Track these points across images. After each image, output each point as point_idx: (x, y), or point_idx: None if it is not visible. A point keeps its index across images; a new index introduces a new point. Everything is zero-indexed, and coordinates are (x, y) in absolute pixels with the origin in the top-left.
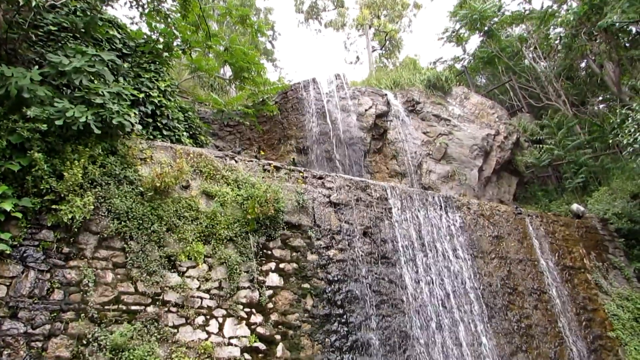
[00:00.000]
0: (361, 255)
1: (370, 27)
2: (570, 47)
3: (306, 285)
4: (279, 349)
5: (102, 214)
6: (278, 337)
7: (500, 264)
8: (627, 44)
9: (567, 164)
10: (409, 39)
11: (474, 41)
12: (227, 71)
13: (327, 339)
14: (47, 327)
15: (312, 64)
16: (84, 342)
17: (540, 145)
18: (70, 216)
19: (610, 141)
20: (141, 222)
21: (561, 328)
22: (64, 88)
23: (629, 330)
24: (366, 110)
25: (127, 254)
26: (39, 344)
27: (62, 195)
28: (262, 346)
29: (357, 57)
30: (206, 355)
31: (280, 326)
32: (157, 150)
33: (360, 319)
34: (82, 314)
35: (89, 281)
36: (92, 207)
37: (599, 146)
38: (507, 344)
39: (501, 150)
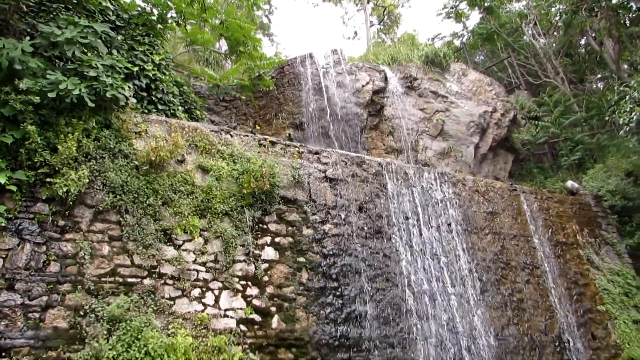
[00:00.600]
0: (356, 230)
1: (368, 2)
2: (570, 23)
3: (301, 259)
4: (275, 321)
5: (97, 188)
6: (273, 309)
7: (494, 239)
8: (627, 21)
9: (563, 141)
10: (407, 14)
11: (474, 18)
12: (223, 45)
13: (322, 311)
14: (44, 298)
15: (309, 39)
16: (81, 313)
17: (537, 123)
18: (65, 189)
19: (607, 118)
20: (136, 195)
21: (552, 302)
22: (56, 60)
23: (619, 305)
24: (363, 86)
25: (123, 227)
26: (37, 315)
27: (57, 168)
28: (257, 318)
29: (355, 33)
30: (202, 327)
31: (275, 298)
32: (152, 124)
33: (355, 292)
34: (79, 286)
35: (85, 254)
36: (87, 180)
37: (596, 124)
38: (499, 317)
39: (498, 128)
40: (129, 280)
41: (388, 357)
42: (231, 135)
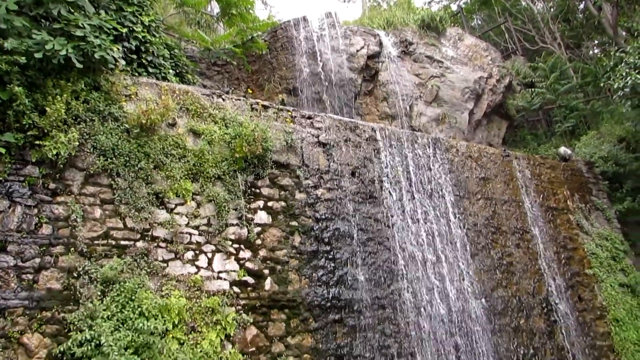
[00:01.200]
0: (349, 195)
1: None
2: None
3: (294, 223)
4: (267, 283)
5: (88, 151)
6: (266, 271)
7: (485, 205)
8: None
9: (558, 108)
10: None
11: None
12: (215, 7)
13: (314, 274)
14: (37, 260)
15: (302, 3)
16: (75, 274)
17: (532, 89)
18: (54, 152)
19: (602, 84)
20: (128, 159)
21: (541, 265)
22: (42, 20)
23: (606, 268)
24: (358, 50)
25: (115, 191)
26: (30, 277)
27: (46, 130)
28: (250, 280)
29: None
30: (196, 288)
31: (268, 261)
32: (142, 87)
33: (347, 256)
34: (72, 248)
35: (77, 216)
36: (77, 143)
37: (591, 90)
38: (489, 280)
39: (493, 94)
40: (122, 243)
41: (379, 318)
42: (223, 99)
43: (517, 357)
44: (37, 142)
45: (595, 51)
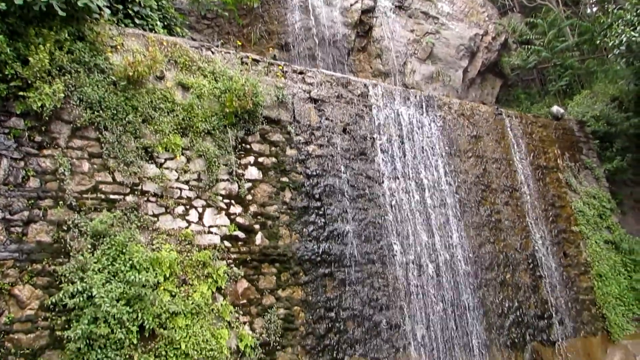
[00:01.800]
0: (340, 151)
1: None
2: None
3: (285, 179)
4: (258, 238)
5: (74, 103)
6: (257, 226)
7: (476, 163)
8: None
9: (552, 67)
10: None
11: None
12: None
13: (304, 229)
14: (26, 213)
15: None
16: (64, 228)
17: (528, 47)
18: (39, 104)
19: (598, 42)
20: (115, 112)
21: (529, 222)
22: None
23: (592, 226)
24: (351, 4)
25: (103, 145)
26: (19, 229)
27: (30, 81)
28: (241, 235)
29: None
30: (187, 242)
31: (259, 217)
32: (128, 38)
33: (337, 212)
34: (60, 202)
35: (64, 170)
36: (62, 95)
37: (587, 49)
38: (477, 236)
39: (488, 52)
40: (111, 197)
41: (368, 273)
42: (212, 52)
43: (502, 310)
44: (21, 93)
45: (594, 9)
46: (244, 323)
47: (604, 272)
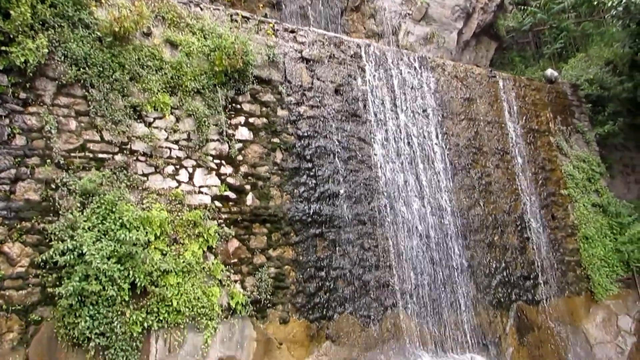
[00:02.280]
0: (332, 113)
1: None
2: None
3: (276, 140)
4: (249, 198)
5: (59, 59)
6: (248, 187)
7: (468, 125)
8: None
9: (548, 29)
10: None
11: None
12: None
13: (295, 190)
14: (13, 171)
15: None
16: (53, 186)
17: (525, 8)
18: (23, 59)
19: (596, 2)
20: (101, 69)
21: (518, 185)
22: None
23: (581, 189)
24: None
25: (90, 103)
26: (6, 187)
27: (12, 36)
28: (232, 195)
29: None
30: (177, 202)
31: (250, 177)
32: None
33: (329, 173)
34: (48, 160)
35: (51, 128)
36: (46, 50)
37: (584, 11)
38: (467, 199)
39: (484, 13)
40: (100, 156)
41: (359, 233)
42: (201, 8)
43: (490, 270)
44: (3, 48)
45: None
46: (235, 281)
47: (590, 234)
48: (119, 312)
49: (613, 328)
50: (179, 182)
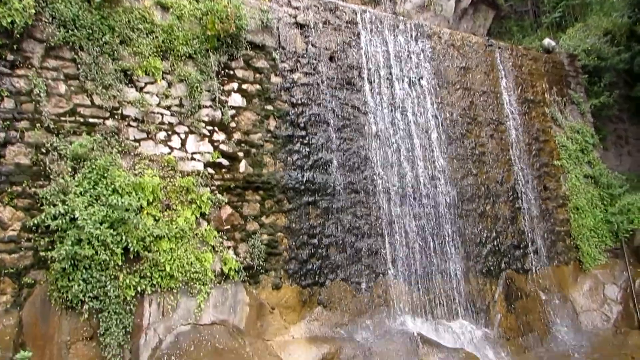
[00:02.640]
0: (326, 80)
1: None
2: None
3: (269, 107)
4: (242, 165)
5: (46, 20)
6: (241, 154)
7: (463, 95)
8: None
9: None
10: None
11: None
12: None
13: (289, 158)
14: (2, 134)
15: None
16: (43, 150)
17: None
18: (9, 20)
19: None
20: (91, 32)
21: (512, 156)
22: None
23: (574, 160)
24: None
25: (79, 66)
26: None
27: None
28: (225, 162)
29: None
30: (170, 168)
31: (243, 144)
32: None
33: (322, 141)
34: (38, 124)
35: (40, 91)
36: (33, 11)
37: None
38: (460, 168)
39: None
40: (91, 120)
41: (351, 202)
42: None
43: (480, 239)
44: None
45: None
46: (228, 248)
47: (581, 205)
48: (112, 276)
49: (599, 297)
50: (171, 149)
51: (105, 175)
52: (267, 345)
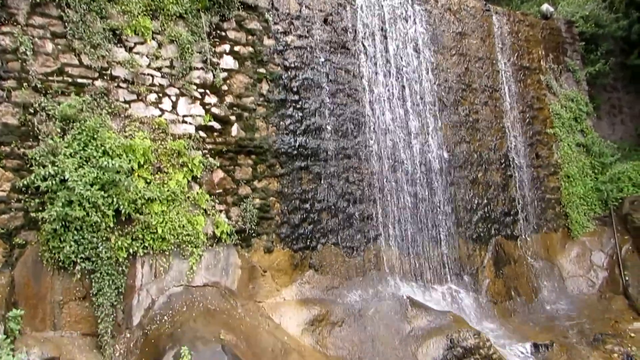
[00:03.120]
0: (320, 43)
1: None
2: None
3: (262, 70)
4: (234, 129)
5: None
6: (233, 118)
7: (459, 61)
8: None
9: None
10: None
11: None
12: None
13: (281, 122)
14: None
15: None
16: (31, 111)
17: None
18: None
19: None
20: None
21: (505, 124)
22: None
23: (567, 129)
24: None
25: (66, 24)
26: None
27: None
28: (217, 125)
29: None
30: (160, 131)
31: (235, 108)
32: None
33: (315, 106)
34: (25, 83)
35: (26, 49)
36: None
37: None
38: (453, 135)
39: None
40: (79, 80)
41: (344, 167)
42: None
43: (471, 206)
44: None
45: None
46: (220, 211)
47: (572, 173)
48: (104, 238)
49: (586, 263)
50: (162, 111)
51: (95, 136)
52: (258, 307)
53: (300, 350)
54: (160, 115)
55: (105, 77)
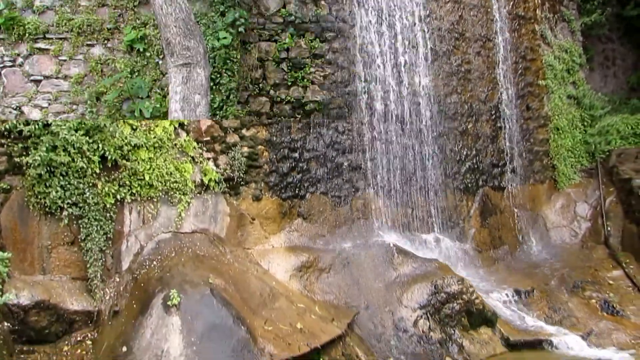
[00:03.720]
0: None
1: None
2: None
3: None
4: None
5: None
6: None
7: (453, 9)
8: None
9: None
10: None
11: None
12: None
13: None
14: None
15: None
16: None
17: None
18: None
19: None
20: None
21: (497, 74)
22: None
23: (559, 80)
24: None
25: None
26: None
27: None
28: None
29: None
30: None
31: None
32: None
33: None
34: None
35: None
36: None
37: None
38: (444, 86)
39: None
40: None
41: (334, 116)
42: None
43: (460, 157)
44: None
45: None
46: (208, 159)
47: (561, 125)
48: (91, 184)
49: (570, 214)
50: None
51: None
52: (247, 253)
53: (288, 294)
54: None
55: None
